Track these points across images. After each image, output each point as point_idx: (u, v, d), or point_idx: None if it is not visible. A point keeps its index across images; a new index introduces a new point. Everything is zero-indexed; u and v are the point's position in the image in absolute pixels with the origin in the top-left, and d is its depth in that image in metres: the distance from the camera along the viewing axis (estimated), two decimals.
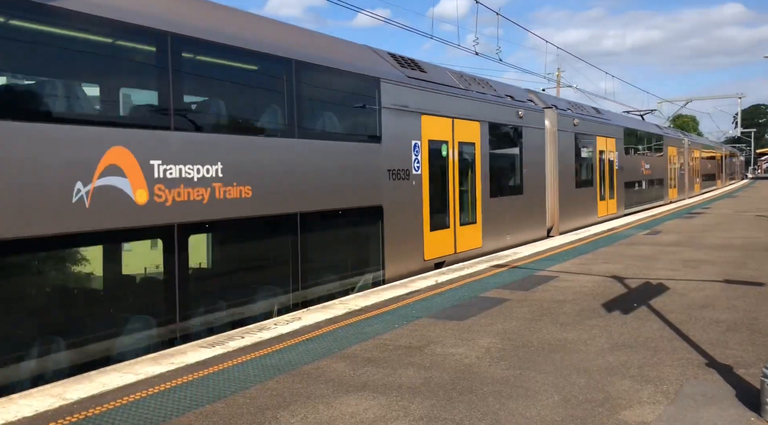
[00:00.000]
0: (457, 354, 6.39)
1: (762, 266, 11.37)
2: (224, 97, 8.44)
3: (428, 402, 5.12)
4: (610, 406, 4.95)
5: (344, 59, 10.59)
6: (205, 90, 8.32)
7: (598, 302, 8.69)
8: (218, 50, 8.16)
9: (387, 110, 11.18)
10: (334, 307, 8.66)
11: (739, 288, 9.44)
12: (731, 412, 4.77)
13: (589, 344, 6.66)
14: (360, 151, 10.67)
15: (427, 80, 12.62)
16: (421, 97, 12.10)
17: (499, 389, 5.37)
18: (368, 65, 11.11)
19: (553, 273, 11.06)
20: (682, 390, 5.25)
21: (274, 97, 9.10)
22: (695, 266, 11.58)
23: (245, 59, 8.67)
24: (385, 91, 11.11)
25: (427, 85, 12.48)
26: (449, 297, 9.22)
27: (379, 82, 10.98)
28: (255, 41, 8.72)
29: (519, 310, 8.30)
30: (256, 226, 8.56)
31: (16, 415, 4.91)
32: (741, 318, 7.64)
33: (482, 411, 4.89)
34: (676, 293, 9.19)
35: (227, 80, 8.64)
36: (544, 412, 4.85)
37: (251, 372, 5.94)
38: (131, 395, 5.34)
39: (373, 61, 11.50)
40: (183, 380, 5.71)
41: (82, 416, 4.90)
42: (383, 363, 6.14)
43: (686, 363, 5.94)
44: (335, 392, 5.38)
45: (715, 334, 6.93)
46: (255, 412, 4.96)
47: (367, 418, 4.81)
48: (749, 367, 5.75)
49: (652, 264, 11.94)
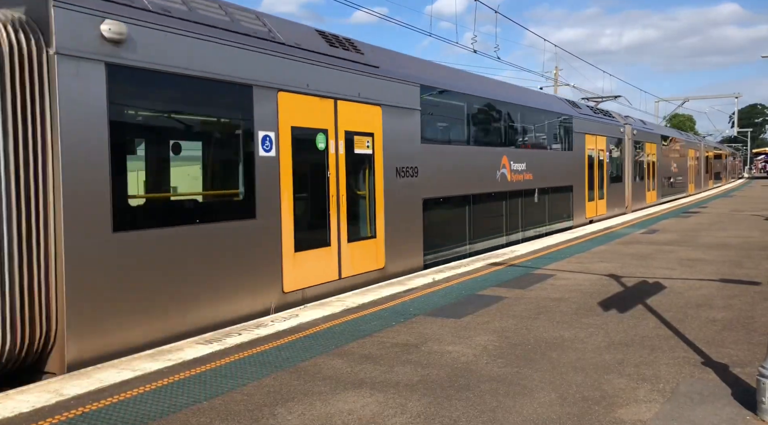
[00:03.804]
0: (454, 352, 6.39)
1: (758, 265, 11.40)
2: (525, 131, 17.35)
3: (425, 399, 5.13)
4: (606, 404, 4.96)
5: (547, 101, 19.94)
6: (527, 129, 17.43)
7: (594, 300, 8.71)
8: (532, 111, 17.50)
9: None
10: (331, 304, 8.66)
11: (735, 287, 9.47)
12: (727, 411, 4.79)
13: (585, 342, 6.68)
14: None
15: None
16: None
17: (496, 387, 5.38)
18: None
19: (550, 272, 11.08)
20: (679, 389, 5.26)
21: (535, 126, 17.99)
22: (691, 265, 11.61)
23: (522, 109, 16.98)
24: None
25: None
26: (446, 295, 9.23)
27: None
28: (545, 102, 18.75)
29: (516, 308, 8.32)
30: (533, 193, 17.36)
31: (12, 411, 4.91)
32: (737, 317, 7.66)
33: (479, 409, 4.90)
34: (672, 292, 9.21)
35: (523, 121, 17.08)
36: (541, 410, 4.87)
37: (248, 368, 5.94)
38: (128, 391, 5.34)
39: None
40: (180, 376, 5.71)
41: (79, 412, 4.90)
42: (380, 361, 6.15)
43: (682, 362, 5.96)
44: (332, 389, 5.39)
45: (712, 333, 6.95)
46: (252, 409, 4.96)
47: (364, 415, 4.82)
48: (745, 366, 5.77)
49: (649, 263, 11.97)
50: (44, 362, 6.37)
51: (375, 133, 10.86)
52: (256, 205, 8.48)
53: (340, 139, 10.03)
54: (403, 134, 11.61)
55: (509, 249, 14.19)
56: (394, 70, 11.56)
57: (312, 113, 9.46)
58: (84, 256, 6.40)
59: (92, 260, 6.46)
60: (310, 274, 9.35)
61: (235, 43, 8.16)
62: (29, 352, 6.15)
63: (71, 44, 6.30)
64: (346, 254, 10.12)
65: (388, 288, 9.75)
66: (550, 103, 19.21)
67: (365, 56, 11.02)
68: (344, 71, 10.12)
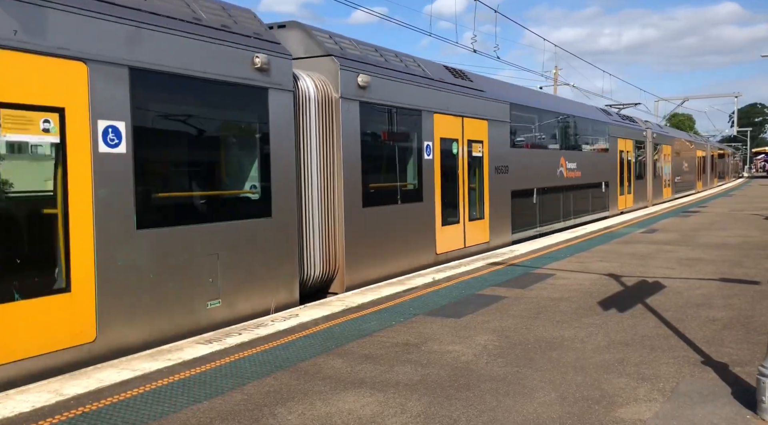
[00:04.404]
0: (454, 352, 6.39)
1: (757, 265, 11.41)
2: (575, 136, 20.80)
3: (425, 399, 5.13)
4: (606, 404, 4.96)
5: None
6: (577, 135, 20.89)
7: (594, 300, 8.71)
8: (580, 120, 21.08)
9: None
10: (331, 304, 8.67)
11: (734, 286, 9.47)
12: (727, 410, 4.79)
13: (585, 342, 6.68)
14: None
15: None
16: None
17: (496, 386, 5.38)
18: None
19: (550, 271, 11.08)
20: (678, 388, 5.27)
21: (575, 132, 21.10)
22: (691, 264, 11.61)
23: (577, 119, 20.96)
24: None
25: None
26: (446, 295, 9.23)
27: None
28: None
29: (516, 308, 8.32)
30: (581, 187, 20.66)
31: (12, 411, 4.91)
32: (737, 316, 7.66)
33: (479, 409, 4.90)
34: (672, 291, 9.22)
35: (574, 128, 20.71)
36: (541, 409, 4.87)
37: (248, 368, 5.94)
38: (128, 391, 5.34)
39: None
40: (180, 376, 5.71)
41: (78, 412, 4.90)
42: (380, 360, 6.15)
43: (682, 361, 5.96)
44: (332, 389, 5.39)
45: (711, 332, 6.96)
46: (252, 408, 4.96)
47: (364, 415, 4.81)
48: (745, 365, 5.77)
49: (649, 262, 11.97)
50: (329, 286, 10.25)
51: (483, 141, 14.49)
52: (423, 193, 12.21)
53: (465, 146, 13.71)
54: (500, 141, 15.25)
55: (508, 249, 14.21)
56: (493, 93, 15.34)
57: (450, 127, 13.16)
58: (351, 222, 10.21)
59: (354, 224, 10.29)
60: (449, 242, 13.11)
61: (413, 83, 11.99)
62: (327, 279, 10.12)
63: (345, 91, 10.11)
64: (468, 229, 13.84)
65: (387, 288, 9.75)
66: (592, 113, 23.10)
67: (474, 83, 14.69)
68: (466, 96, 13.85)
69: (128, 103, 6.72)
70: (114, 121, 6.61)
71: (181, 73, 7.32)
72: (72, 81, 6.22)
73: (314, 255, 9.69)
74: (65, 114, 6.17)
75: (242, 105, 8.31)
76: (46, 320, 5.97)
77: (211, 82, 7.72)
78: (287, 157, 8.87)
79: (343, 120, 9.95)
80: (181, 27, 7.37)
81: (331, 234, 9.96)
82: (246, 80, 8.21)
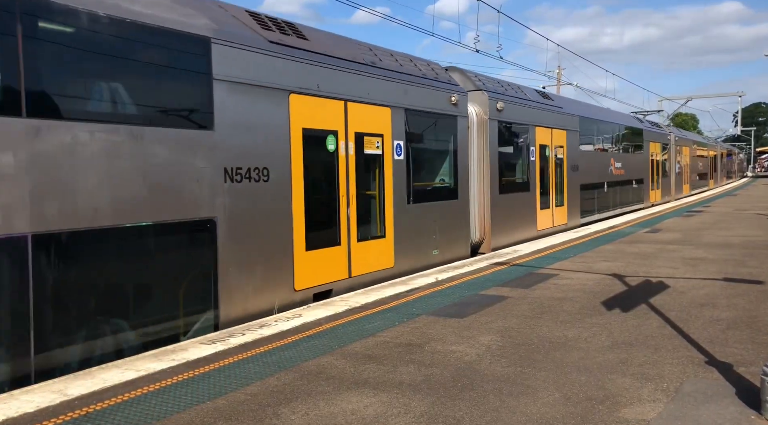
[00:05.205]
0: (458, 352, 6.39)
1: (761, 264, 11.38)
2: (621, 140, 25.05)
3: (429, 399, 5.13)
4: (610, 404, 4.96)
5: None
6: (622, 139, 25.18)
7: (598, 300, 8.70)
8: (624, 127, 25.68)
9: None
10: (334, 304, 8.67)
11: (738, 286, 9.45)
12: (731, 410, 4.78)
13: (589, 342, 6.67)
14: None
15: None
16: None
17: (500, 386, 5.38)
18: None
19: (554, 271, 11.07)
20: (682, 388, 5.26)
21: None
22: (695, 264, 11.59)
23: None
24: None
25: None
26: (450, 295, 9.22)
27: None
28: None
29: (519, 308, 8.31)
30: (625, 182, 24.84)
31: (17, 411, 4.92)
32: (741, 316, 7.65)
33: (483, 409, 4.90)
34: (676, 291, 9.20)
35: (620, 134, 25.03)
36: (545, 410, 4.86)
37: (252, 368, 5.94)
38: (132, 391, 5.35)
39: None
40: (184, 376, 5.72)
41: (83, 412, 4.91)
42: (384, 361, 6.15)
43: (686, 361, 5.95)
44: (336, 389, 5.39)
45: (715, 332, 6.94)
46: (256, 409, 4.97)
47: (367, 415, 4.82)
48: (749, 365, 5.76)
49: (652, 262, 11.95)
50: (479, 248, 14.48)
51: (563, 146, 18.83)
52: (529, 185, 16.68)
53: (552, 149, 17.97)
54: (573, 145, 19.56)
55: (512, 249, 14.22)
56: (568, 108, 19.73)
57: (544, 137, 17.41)
58: (494, 203, 14.56)
59: (494, 205, 14.58)
60: (544, 222, 17.44)
61: (524, 106, 16.29)
62: (479, 243, 14.42)
63: (491, 114, 14.45)
64: (555, 213, 18.12)
65: (391, 288, 9.76)
66: (630, 121, 27.83)
67: (554, 101, 19.03)
68: (552, 112, 18.09)
69: (404, 129, 11.41)
70: (399, 140, 11.27)
71: (422, 109, 11.97)
72: (385, 118, 10.95)
73: (475, 225, 14.21)
74: (383, 137, 10.91)
75: (445, 128, 12.83)
76: (378, 251, 10.78)
77: (433, 114, 12.32)
78: (464, 160, 13.49)
79: (489, 134, 14.35)
80: (420, 82, 11.98)
81: (483, 213, 14.34)
82: (446, 111, 12.78)
